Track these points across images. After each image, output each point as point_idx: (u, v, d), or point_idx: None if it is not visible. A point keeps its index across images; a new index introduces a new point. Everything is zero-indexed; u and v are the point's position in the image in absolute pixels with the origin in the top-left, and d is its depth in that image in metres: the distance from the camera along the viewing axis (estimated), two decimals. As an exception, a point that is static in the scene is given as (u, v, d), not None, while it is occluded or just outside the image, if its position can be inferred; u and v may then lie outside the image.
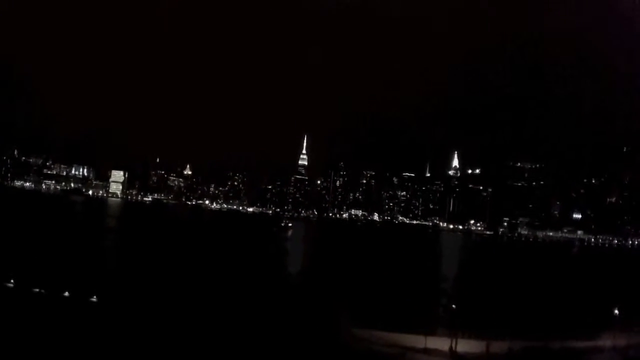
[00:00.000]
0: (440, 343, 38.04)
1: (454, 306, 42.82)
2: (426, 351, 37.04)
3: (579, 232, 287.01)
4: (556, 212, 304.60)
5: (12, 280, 43.92)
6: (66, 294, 43.13)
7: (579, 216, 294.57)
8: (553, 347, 38.34)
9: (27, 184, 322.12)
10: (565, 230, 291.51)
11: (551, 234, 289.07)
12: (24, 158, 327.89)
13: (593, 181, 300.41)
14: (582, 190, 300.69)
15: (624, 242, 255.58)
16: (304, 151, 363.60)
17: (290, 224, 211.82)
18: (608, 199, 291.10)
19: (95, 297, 43.16)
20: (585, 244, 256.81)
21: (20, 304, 39.56)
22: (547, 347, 38.15)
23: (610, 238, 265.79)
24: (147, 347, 32.80)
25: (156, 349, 32.33)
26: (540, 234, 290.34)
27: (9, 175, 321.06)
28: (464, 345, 37.80)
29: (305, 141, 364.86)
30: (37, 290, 43.31)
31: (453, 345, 37.55)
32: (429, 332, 39.21)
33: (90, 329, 35.93)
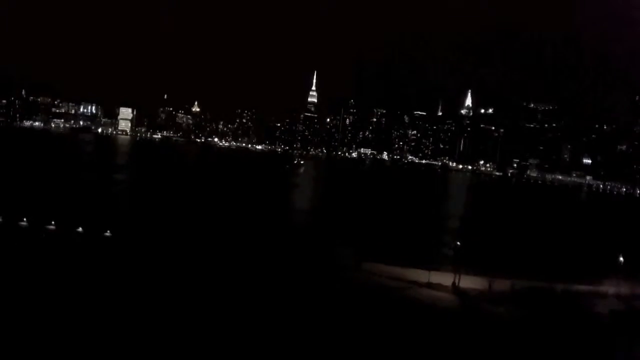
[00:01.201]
0: (444, 278, 38.89)
1: (458, 243, 43.36)
2: (430, 285, 37.96)
3: (588, 177, 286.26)
4: (566, 156, 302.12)
5: (24, 219, 44.72)
6: (80, 229, 44.07)
7: (589, 161, 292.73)
8: (556, 289, 38.78)
9: (36, 123, 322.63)
10: (574, 175, 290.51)
11: (560, 177, 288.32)
12: (32, 98, 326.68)
13: (605, 127, 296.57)
14: (593, 136, 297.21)
15: (632, 190, 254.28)
16: (313, 88, 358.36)
17: (302, 162, 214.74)
18: (618, 147, 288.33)
19: (108, 232, 44.11)
20: (594, 189, 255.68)
21: (33, 242, 40.44)
22: (550, 289, 38.60)
23: (619, 185, 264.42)
24: (156, 280, 33.76)
25: (164, 283, 33.27)
26: (549, 176, 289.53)
27: (17, 115, 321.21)
28: (466, 281, 38.60)
29: (315, 78, 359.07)
30: (51, 227, 44.20)
31: (456, 281, 38.39)
32: (433, 267, 40.08)
33: (104, 262, 36.99)
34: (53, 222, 44.38)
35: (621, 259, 42.76)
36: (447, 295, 36.79)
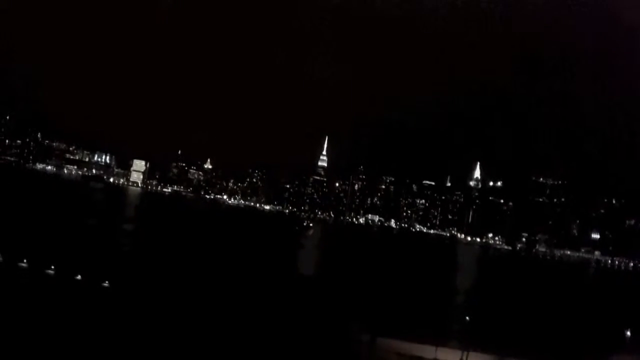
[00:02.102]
0: (451, 355, 37.13)
1: (467, 318, 41.77)
2: (436, 362, 36.21)
3: (597, 252, 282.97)
4: (575, 231, 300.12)
5: (25, 261, 44.17)
6: (78, 277, 43.26)
7: (597, 236, 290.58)
8: None
9: (49, 167, 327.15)
10: (583, 250, 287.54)
11: (569, 252, 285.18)
12: (47, 142, 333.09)
13: (613, 202, 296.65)
14: (602, 211, 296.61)
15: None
16: (324, 152, 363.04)
17: (311, 224, 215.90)
18: (627, 221, 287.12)
19: (107, 282, 43.21)
20: (602, 265, 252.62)
21: (32, 284, 39.70)
22: None
23: (627, 260, 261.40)
24: (152, 334, 32.58)
25: (160, 338, 32.06)
26: (557, 252, 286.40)
27: (31, 157, 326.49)
28: (474, 359, 36.87)
29: (325, 143, 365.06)
30: (50, 271, 43.50)
31: (464, 358, 36.65)
32: (440, 343, 38.35)
33: (99, 312, 35.92)
34: (53, 267, 43.74)
35: (628, 333, 41.40)
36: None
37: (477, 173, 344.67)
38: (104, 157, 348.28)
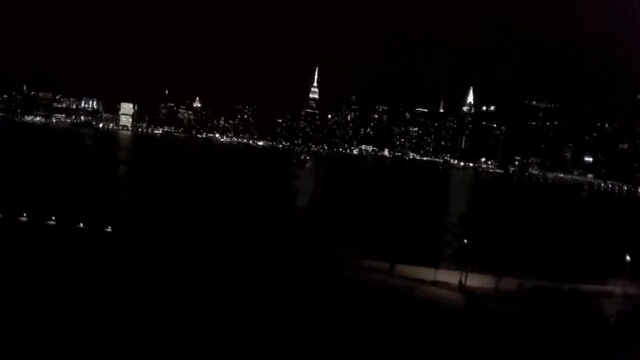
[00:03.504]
0: (450, 276, 38.31)
1: (465, 241, 42.75)
2: (435, 284, 37.38)
3: (589, 175, 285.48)
4: (568, 154, 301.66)
5: (24, 214, 44.21)
6: (81, 225, 43.56)
7: (590, 160, 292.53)
8: (562, 288, 38.31)
9: (37, 118, 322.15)
10: (575, 173, 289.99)
11: (562, 175, 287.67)
12: (33, 93, 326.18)
13: (606, 126, 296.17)
14: (594, 134, 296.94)
15: (634, 189, 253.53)
16: (315, 84, 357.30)
17: (308, 157, 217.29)
18: (620, 145, 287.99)
19: (109, 227, 43.59)
20: (595, 188, 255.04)
21: (34, 237, 39.93)
22: (557, 288, 38.14)
23: (620, 184, 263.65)
24: (155, 278, 33.26)
25: (162, 281, 32.78)
26: (550, 175, 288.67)
27: (19, 110, 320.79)
28: (473, 280, 38.02)
29: (316, 74, 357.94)
30: (51, 222, 43.71)
31: (463, 279, 37.82)
32: (439, 265, 39.51)
33: (105, 258, 36.47)
34: (53, 218, 43.89)
35: (628, 258, 42.21)
36: (453, 294, 36.21)
37: (470, 98, 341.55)
38: (91, 103, 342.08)
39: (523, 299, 35.98)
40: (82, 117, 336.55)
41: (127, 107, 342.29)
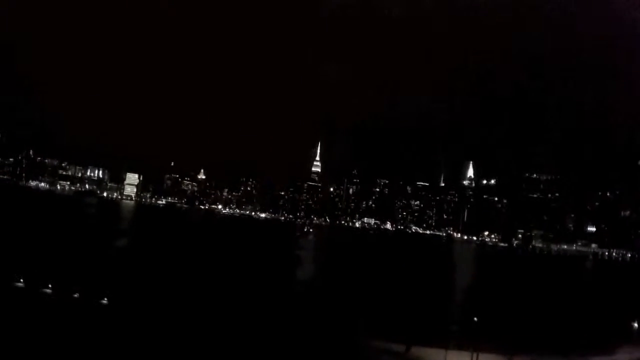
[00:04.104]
0: (461, 357, 36.58)
1: (475, 319, 41.14)
2: (446, 365, 35.61)
3: (593, 245, 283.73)
4: (570, 225, 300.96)
5: (22, 280, 43.29)
6: (76, 295, 42.40)
7: (593, 229, 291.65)
8: None
9: (42, 184, 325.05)
10: (579, 244, 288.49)
11: (565, 247, 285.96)
12: (39, 158, 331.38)
13: (608, 195, 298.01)
14: (596, 204, 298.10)
15: (638, 256, 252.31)
16: (317, 158, 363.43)
17: (311, 230, 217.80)
18: (622, 213, 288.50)
19: (105, 299, 42.37)
20: (599, 257, 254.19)
21: (30, 304, 38.79)
22: None
23: (624, 252, 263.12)
24: (152, 352, 31.80)
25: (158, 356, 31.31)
26: (554, 247, 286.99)
27: (24, 175, 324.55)
28: (485, 360, 36.35)
29: (318, 149, 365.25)
30: (48, 290, 42.63)
31: (474, 360, 36.12)
32: (449, 345, 37.74)
33: (98, 331, 35.06)
34: (50, 285, 42.89)
35: (635, 325, 41.11)
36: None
37: (470, 172, 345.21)
38: (96, 172, 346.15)
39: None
40: (87, 185, 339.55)
41: (132, 178, 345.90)
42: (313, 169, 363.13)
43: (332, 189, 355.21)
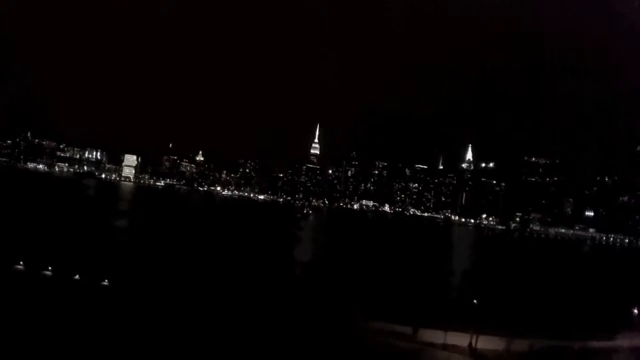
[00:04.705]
0: (460, 339, 36.84)
1: (475, 301, 41.35)
2: (445, 347, 35.86)
3: (591, 230, 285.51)
4: (569, 210, 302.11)
5: (21, 263, 43.26)
6: (77, 277, 42.43)
7: (591, 214, 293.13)
8: (574, 346, 37.37)
9: (40, 166, 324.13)
10: (577, 228, 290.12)
11: (563, 231, 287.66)
12: (37, 140, 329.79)
13: (606, 179, 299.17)
14: (595, 189, 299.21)
15: (635, 241, 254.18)
16: (316, 140, 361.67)
17: (310, 211, 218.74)
18: (620, 198, 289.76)
19: (106, 281, 42.42)
20: (597, 242, 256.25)
21: (30, 287, 38.82)
22: (568, 347, 37.19)
23: (622, 237, 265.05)
24: (153, 334, 31.93)
25: (161, 337, 31.44)
26: (552, 230, 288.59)
27: (22, 157, 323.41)
28: (484, 342, 36.63)
29: (317, 130, 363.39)
30: (48, 273, 42.65)
31: (473, 342, 36.34)
32: (449, 327, 37.95)
33: (100, 313, 35.16)
34: (50, 268, 42.87)
35: (635, 311, 41.40)
36: (464, 358, 34.64)
37: (469, 155, 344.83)
38: (94, 153, 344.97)
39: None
40: (85, 167, 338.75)
41: (130, 159, 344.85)
42: (312, 150, 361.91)
43: (330, 171, 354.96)
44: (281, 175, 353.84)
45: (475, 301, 41.05)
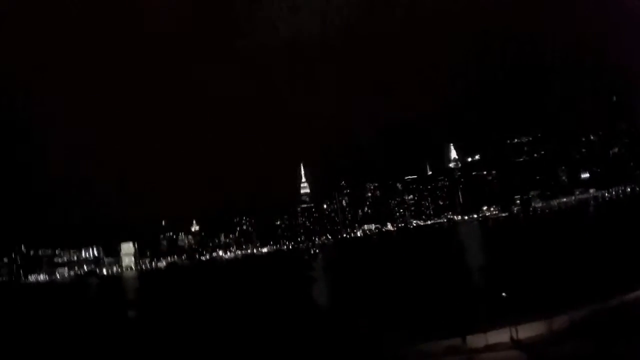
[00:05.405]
0: (501, 335, 35.81)
1: (504, 294, 40.41)
2: (489, 348, 34.77)
3: (591, 190, 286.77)
4: (564, 178, 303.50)
5: None
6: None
7: (587, 175, 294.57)
8: (611, 304, 36.70)
9: (41, 276, 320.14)
10: (577, 192, 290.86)
11: (565, 199, 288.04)
12: (32, 251, 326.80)
13: (592, 137, 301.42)
14: (583, 150, 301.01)
15: (637, 187, 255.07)
16: (303, 179, 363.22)
17: (317, 250, 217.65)
18: (611, 151, 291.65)
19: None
20: (600, 200, 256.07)
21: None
22: (606, 307, 36.46)
23: (623, 187, 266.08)
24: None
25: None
26: (554, 202, 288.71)
27: (21, 271, 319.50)
28: (525, 331, 35.65)
29: (302, 170, 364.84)
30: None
31: (514, 334, 35.39)
32: (487, 327, 36.91)
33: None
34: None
35: None
36: (510, 353, 33.60)
37: (453, 154, 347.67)
38: (91, 251, 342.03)
39: (580, 332, 33.72)
40: (85, 267, 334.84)
41: (127, 247, 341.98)
42: (302, 190, 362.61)
43: (325, 206, 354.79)
44: (278, 222, 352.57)
45: (504, 294, 40.13)
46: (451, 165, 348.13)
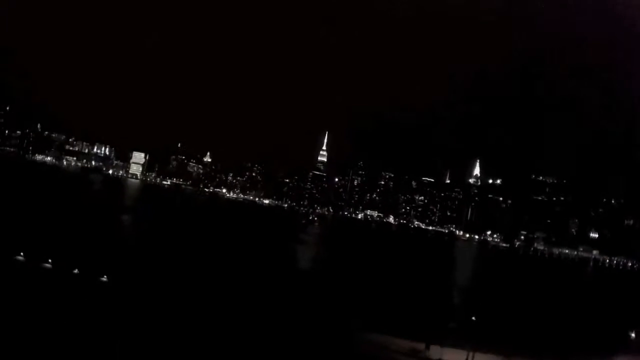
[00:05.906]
0: (457, 356, 36.40)
1: (473, 318, 40.90)
2: (443, 363, 35.46)
3: (595, 251, 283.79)
4: (573, 230, 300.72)
5: (22, 254, 43.34)
6: (76, 271, 42.40)
7: (596, 235, 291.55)
8: None
9: (48, 158, 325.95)
10: (581, 249, 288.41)
11: (567, 251, 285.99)
12: (46, 133, 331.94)
13: (612, 202, 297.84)
14: (600, 210, 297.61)
15: (638, 265, 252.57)
16: (324, 147, 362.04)
17: (316, 218, 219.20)
18: (626, 221, 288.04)
19: (105, 276, 42.35)
20: (600, 264, 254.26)
21: (28, 278, 38.84)
22: None
23: (625, 260, 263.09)
24: (149, 332, 31.75)
25: (157, 335, 31.26)
26: (556, 250, 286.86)
27: (30, 148, 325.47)
28: (480, 359, 36.18)
29: (326, 138, 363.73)
30: (47, 265, 42.68)
31: (469, 359, 35.93)
32: (446, 343, 37.55)
33: (97, 307, 35.03)
34: (50, 260, 42.91)
35: (632, 334, 40.93)
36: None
37: (476, 171, 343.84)
38: (103, 149, 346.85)
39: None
40: (93, 162, 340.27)
41: (138, 156, 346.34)
42: (319, 157, 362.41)
43: (336, 180, 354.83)
44: (287, 180, 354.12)
45: (473, 318, 40.60)
46: (471, 180, 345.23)
